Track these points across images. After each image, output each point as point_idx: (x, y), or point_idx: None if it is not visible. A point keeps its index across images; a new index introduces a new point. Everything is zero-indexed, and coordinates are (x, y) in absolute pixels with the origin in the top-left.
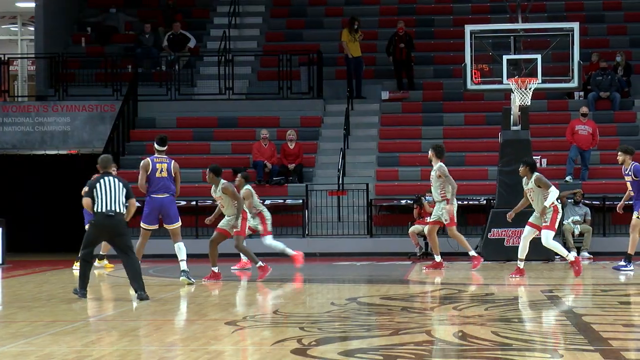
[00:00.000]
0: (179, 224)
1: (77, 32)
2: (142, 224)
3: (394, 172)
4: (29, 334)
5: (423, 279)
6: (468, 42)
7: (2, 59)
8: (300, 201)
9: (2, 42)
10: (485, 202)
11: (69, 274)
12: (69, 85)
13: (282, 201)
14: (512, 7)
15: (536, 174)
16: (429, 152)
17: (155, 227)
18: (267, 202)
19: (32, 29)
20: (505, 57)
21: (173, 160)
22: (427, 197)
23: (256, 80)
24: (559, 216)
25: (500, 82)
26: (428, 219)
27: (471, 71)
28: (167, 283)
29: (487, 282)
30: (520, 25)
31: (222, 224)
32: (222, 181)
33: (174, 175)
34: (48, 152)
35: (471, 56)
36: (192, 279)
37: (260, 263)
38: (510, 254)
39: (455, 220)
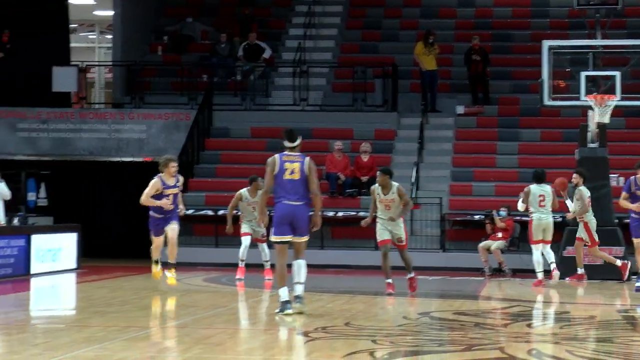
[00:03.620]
0: (307, 238)
1: (154, 40)
2: (272, 237)
3: (468, 187)
4: (103, 339)
5: (496, 295)
6: (546, 58)
7: (80, 66)
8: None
9: (80, 50)
10: (561, 219)
11: (142, 280)
12: (145, 93)
13: (354, 213)
14: (591, 23)
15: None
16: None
17: (289, 237)
18: (340, 214)
19: (110, 37)
20: (583, 74)
21: (307, 157)
22: (500, 213)
23: (331, 91)
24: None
25: (578, 99)
26: (499, 235)
27: (548, 87)
28: (240, 292)
29: (562, 300)
30: (599, 42)
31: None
32: (394, 183)
33: (308, 176)
34: (123, 159)
35: (549, 72)
36: (306, 308)
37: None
38: (586, 272)
39: (596, 239)
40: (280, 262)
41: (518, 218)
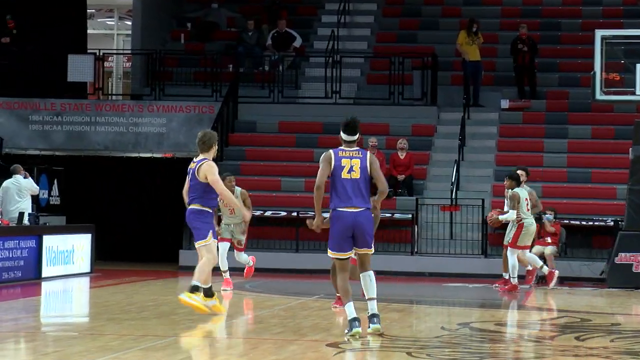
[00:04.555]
0: (373, 250)
1: (176, 27)
2: (330, 252)
3: None
4: (117, 348)
5: (542, 305)
6: (598, 49)
7: (97, 54)
8: (410, 216)
9: (98, 37)
10: (612, 223)
11: (160, 285)
12: (166, 84)
13: (390, 215)
14: None
15: (515, 190)
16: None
17: (350, 254)
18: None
19: (129, 23)
20: (639, 66)
21: (368, 152)
22: (547, 215)
23: (365, 83)
24: (523, 232)
25: (633, 93)
26: (548, 239)
27: (600, 80)
28: (263, 299)
29: (612, 311)
30: None
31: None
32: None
33: (370, 173)
34: (142, 155)
35: (601, 64)
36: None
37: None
38: (639, 281)
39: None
40: (341, 276)
41: (566, 222)
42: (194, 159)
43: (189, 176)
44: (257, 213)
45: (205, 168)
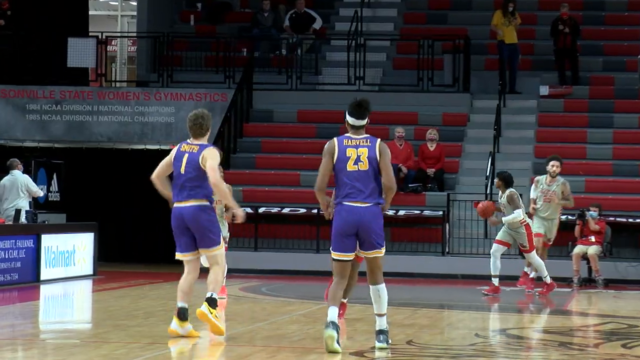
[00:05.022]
0: (382, 252)
1: (186, 8)
2: (332, 252)
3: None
4: (123, 357)
5: (585, 309)
6: None
7: (100, 37)
8: (440, 213)
9: (100, 19)
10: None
11: (169, 288)
12: (174, 70)
13: (418, 212)
14: None
15: (510, 189)
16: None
17: (351, 256)
18: (401, 212)
19: (134, 3)
20: None
21: (378, 140)
22: (591, 212)
23: (391, 69)
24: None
25: None
26: (592, 238)
27: None
28: (281, 304)
29: None
30: None
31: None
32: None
33: (379, 165)
34: (148, 147)
35: None
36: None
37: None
38: None
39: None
40: (337, 281)
41: (611, 219)
42: (185, 144)
43: (182, 165)
44: (274, 210)
45: (212, 154)
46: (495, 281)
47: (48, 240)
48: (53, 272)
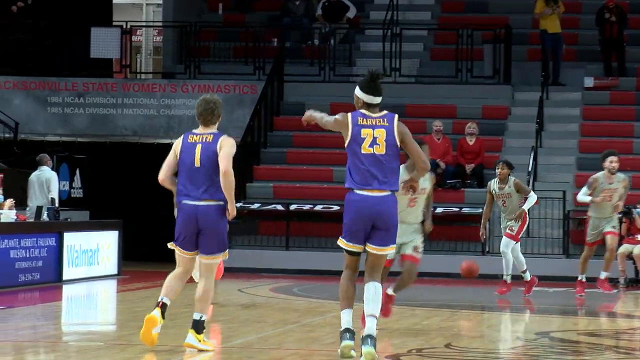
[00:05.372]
0: (393, 248)
1: None
2: (341, 241)
3: None
4: None
5: (632, 311)
6: None
7: (124, 27)
8: (480, 210)
9: (124, 8)
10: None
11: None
12: (201, 61)
13: (457, 210)
14: None
15: (512, 177)
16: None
17: (360, 248)
18: (439, 210)
19: None
20: None
21: (396, 117)
22: (638, 210)
23: (429, 59)
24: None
25: None
26: (639, 237)
27: None
28: (314, 305)
29: None
30: None
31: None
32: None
33: (405, 148)
34: (175, 141)
35: None
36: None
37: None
38: None
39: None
40: (346, 274)
41: None
42: (193, 134)
43: (196, 157)
44: (306, 207)
45: (230, 143)
46: (508, 278)
47: (71, 239)
48: (76, 271)
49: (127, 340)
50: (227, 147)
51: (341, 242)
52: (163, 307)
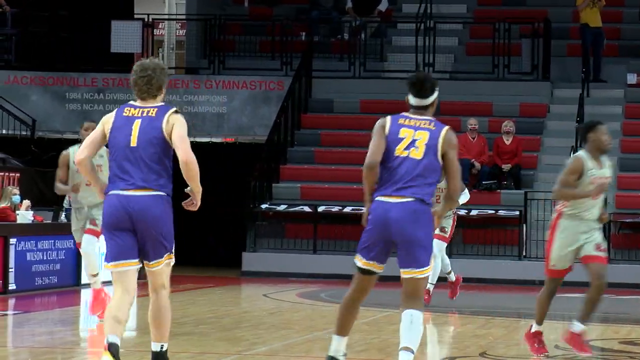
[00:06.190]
0: (429, 269)
1: None
2: (356, 257)
3: None
4: None
5: None
6: None
7: (146, 20)
8: (517, 213)
9: (146, 0)
10: None
11: (221, 294)
12: (226, 56)
13: (493, 212)
14: None
15: None
16: None
17: (374, 266)
18: (474, 212)
19: None
20: None
21: (446, 127)
22: None
23: (464, 55)
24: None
25: None
26: None
27: None
28: None
29: None
30: None
31: None
32: None
33: (443, 163)
34: (198, 140)
35: None
36: None
37: None
38: None
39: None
40: (352, 295)
41: None
42: (130, 107)
43: (133, 135)
44: (335, 209)
45: (180, 120)
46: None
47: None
48: None
49: (147, 346)
50: (180, 127)
51: (356, 260)
52: (112, 348)
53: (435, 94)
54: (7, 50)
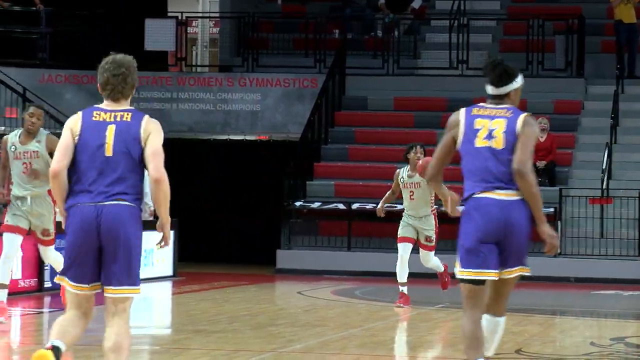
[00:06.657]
0: (527, 270)
1: None
2: (459, 271)
3: None
4: None
5: None
6: None
7: (179, 18)
8: (552, 210)
9: None
10: None
11: (255, 291)
12: (260, 54)
13: None
14: None
15: None
16: None
17: (493, 274)
18: None
19: None
20: None
21: (525, 113)
22: None
23: (498, 51)
24: None
25: None
26: None
27: None
28: (377, 308)
29: None
30: None
31: None
32: None
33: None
34: (232, 138)
35: None
36: None
37: None
38: None
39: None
40: (469, 315)
41: None
42: (99, 110)
43: (108, 142)
44: (369, 206)
45: (157, 128)
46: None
47: None
48: None
49: (183, 344)
50: (156, 137)
51: (462, 273)
52: (56, 350)
53: (513, 84)
54: (41, 49)
